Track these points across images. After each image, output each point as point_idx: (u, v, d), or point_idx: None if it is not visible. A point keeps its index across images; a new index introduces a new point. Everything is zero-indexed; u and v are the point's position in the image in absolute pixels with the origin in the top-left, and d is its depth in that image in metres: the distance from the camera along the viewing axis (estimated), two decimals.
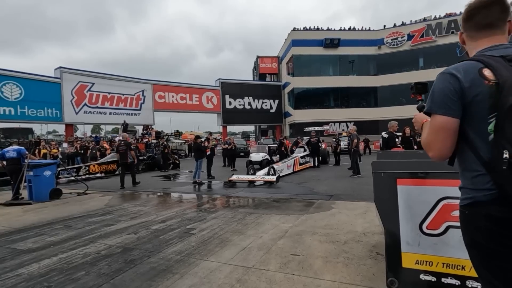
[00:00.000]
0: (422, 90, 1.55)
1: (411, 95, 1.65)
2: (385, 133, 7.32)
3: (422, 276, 2.03)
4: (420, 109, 1.39)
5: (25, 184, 6.84)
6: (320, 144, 13.26)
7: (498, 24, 1.13)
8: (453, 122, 1.08)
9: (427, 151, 1.17)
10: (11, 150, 7.03)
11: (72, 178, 10.27)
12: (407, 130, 7.48)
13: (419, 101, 1.52)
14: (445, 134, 1.09)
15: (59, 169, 9.40)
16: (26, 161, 6.88)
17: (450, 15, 30.34)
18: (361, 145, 17.48)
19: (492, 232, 1.04)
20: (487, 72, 1.02)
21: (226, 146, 14.62)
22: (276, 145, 15.32)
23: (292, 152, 13.63)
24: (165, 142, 15.72)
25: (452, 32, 29.31)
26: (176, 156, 16.04)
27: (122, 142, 9.75)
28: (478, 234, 1.08)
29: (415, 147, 7.10)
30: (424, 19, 31.65)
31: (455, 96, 1.06)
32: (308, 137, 14.31)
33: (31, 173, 6.80)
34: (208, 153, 10.52)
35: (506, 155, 0.93)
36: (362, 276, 2.52)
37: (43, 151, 13.27)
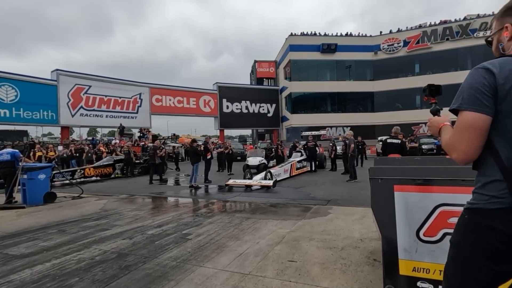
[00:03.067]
0: (435, 92, 1.47)
1: (424, 97, 1.55)
2: (394, 139, 7.04)
3: (419, 284, 2.02)
4: (434, 112, 1.31)
5: (19, 187, 6.75)
6: (317, 148, 13.29)
7: None
8: (485, 119, 0.98)
9: (450, 152, 1.07)
10: (5, 153, 6.95)
11: (67, 181, 10.15)
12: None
13: (432, 104, 1.42)
14: (474, 133, 0.99)
15: (53, 172, 9.31)
16: (20, 164, 6.80)
17: (445, 22, 30.77)
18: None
19: (484, 244, 0.97)
20: None
21: (221, 149, 14.59)
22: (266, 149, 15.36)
23: (290, 156, 13.64)
24: (161, 146, 15.65)
25: (447, 39, 29.77)
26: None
27: (152, 146, 11.98)
28: (466, 240, 1.03)
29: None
30: (420, 26, 32.05)
31: (489, 92, 0.97)
32: (305, 141, 14.34)
33: (25, 176, 6.71)
34: (209, 157, 10.49)
35: None
36: (359, 283, 2.51)
37: (38, 153, 13.13)
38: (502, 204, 0.95)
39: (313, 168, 12.82)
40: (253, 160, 13.08)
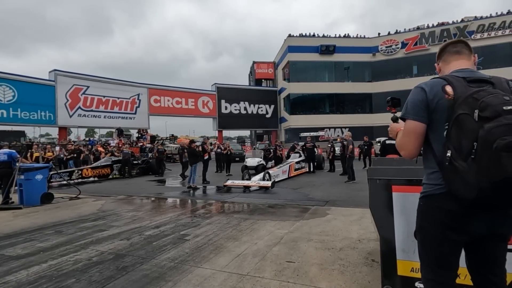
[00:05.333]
0: (396, 104, 1.78)
1: (387, 107, 1.85)
2: (393, 140, 7.09)
3: (417, 284, 2.02)
4: (394, 120, 1.60)
5: (16, 188, 6.71)
6: (315, 149, 13.30)
7: (464, 51, 1.40)
8: (421, 126, 1.32)
9: (400, 150, 1.41)
10: (2, 153, 6.90)
11: (64, 182, 10.10)
12: None
13: (393, 113, 1.71)
14: (414, 136, 1.34)
15: (51, 172, 9.26)
16: (17, 164, 6.75)
17: (442, 24, 30.97)
18: (356, 151, 17.54)
19: (438, 221, 1.29)
20: (448, 88, 1.24)
21: (220, 150, 14.54)
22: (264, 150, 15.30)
23: (288, 157, 13.65)
24: (154, 147, 15.63)
25: (445, 41, 29.30)
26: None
27: (181, 146, 13.14)
28: (426, 221, 1.35)
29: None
30: (418, 28, 32.26)
31: (423, 105, 1.31)
32: (303, 142, 14.35)
33: (22, 177, 6.67)
34: (206, 157, 10.45)
35: (449, 154, 1.17)
36: (357, 284, 2.51)
37: (35, 154, 13.07)
38: (443, 189, 1.25)
39: (312, 169, 12.83)
40: (251, 161, 13.09)
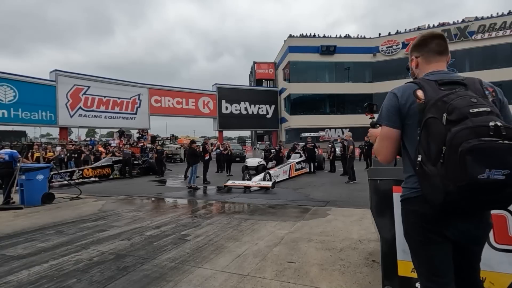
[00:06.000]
0: (372, 109, 1.79)
1: (365, 113, 1.88)
2: None
3: (418, 285, 2.02)
4: (372, 125, 1.62)
5: (17, 188, 6.72)
6: (316, 150, 13.31)
7: (445, 52, 1.38)
8: (394, 132, 1.33)
9: (376, 155, 1.43)
10: (3, 153, 6.91)
11: (65, 182, 10.11)
12: None
13: (371, 118, 1.72)
14: (388, 142, 1.35)
15: (52, 173, 9.27)
16: (18, 164, 6.77)
17: (443, 24, 30.94)
18: (357, 151, 17.53)
19: (417, 225, 1.27)
20: (419, 93, 1.24)
21: (220, 150, 14.54)
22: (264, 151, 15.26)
23: (289, 157, 13.67)
24: (153, 148, 15.62)
25: None
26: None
27: (188, 147, 11.97)
28: (408, 225, 1.33)
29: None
30: (418, 28, 32.21)
31: (395, 111, 1.31)
32: (304, 143, 14.36)
33: (23, 177, 6.68)
34: (207, 157, 10.46)
35: (419, 158, 1.18)
36: (358, 284, 2.51)
37: (36, 154, 13.09)
38: (418, 192, 1.25)
39: (312, 170, 12.83)
40: (252, 161, 13.10)
